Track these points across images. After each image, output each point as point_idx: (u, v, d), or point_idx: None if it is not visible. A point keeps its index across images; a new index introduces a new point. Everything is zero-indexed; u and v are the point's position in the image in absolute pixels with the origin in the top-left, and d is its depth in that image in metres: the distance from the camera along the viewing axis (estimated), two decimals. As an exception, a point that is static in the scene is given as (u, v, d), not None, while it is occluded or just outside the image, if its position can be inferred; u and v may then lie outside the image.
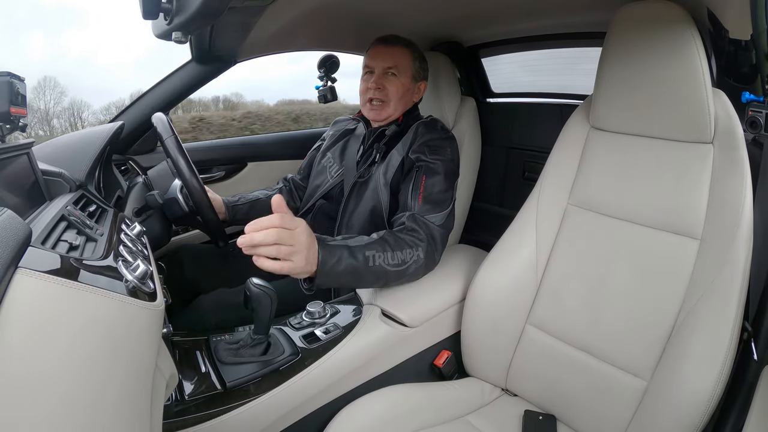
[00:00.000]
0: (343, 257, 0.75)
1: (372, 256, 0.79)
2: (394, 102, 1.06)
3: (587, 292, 0.80)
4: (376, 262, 0.79)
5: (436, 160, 0.97)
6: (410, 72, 1.07)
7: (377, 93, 1.05)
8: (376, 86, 1.05)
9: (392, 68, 1.05)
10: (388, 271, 0.81)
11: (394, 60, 1.05)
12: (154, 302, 0.45)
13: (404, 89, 1.06)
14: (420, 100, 1.15)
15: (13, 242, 0.33)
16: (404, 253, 0.83)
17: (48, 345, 0.31)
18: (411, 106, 1.12)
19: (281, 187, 1.29)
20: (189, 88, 1.28)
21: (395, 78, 1.05)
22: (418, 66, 1.09)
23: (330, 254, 0.73)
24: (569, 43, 1.27)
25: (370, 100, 1.07)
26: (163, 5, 0.54)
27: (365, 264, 0.78)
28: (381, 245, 0.81)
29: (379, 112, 1.07)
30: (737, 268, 0.65)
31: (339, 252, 0.75)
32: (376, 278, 0.81)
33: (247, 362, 0.76)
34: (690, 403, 0.64)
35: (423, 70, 1.11)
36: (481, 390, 0.89)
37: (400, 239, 0.84)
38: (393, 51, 1.06)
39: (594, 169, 0.85)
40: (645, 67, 0.74)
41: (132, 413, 0.38)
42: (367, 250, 0.79)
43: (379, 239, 0.82)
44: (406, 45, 1.08)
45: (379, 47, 1.07)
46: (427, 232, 0.88)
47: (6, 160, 0.60)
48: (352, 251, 0.77)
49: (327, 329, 0.85)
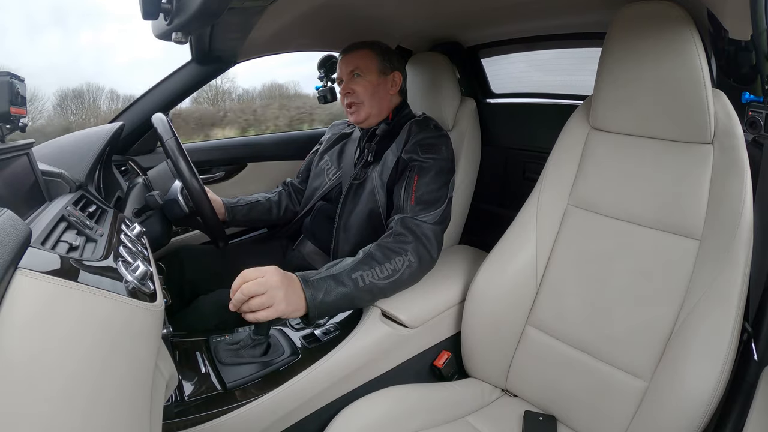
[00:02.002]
0: (330, 288, 0.76)
1: (360, 277, 0.79)
2: (367, 100, 1.07)
3: (587, 293, 0.80)
4: (366, 282, 0.79)
5: (429, 159, 0.97)
6: (374, 68, 1.08)
7: (349, 97, 1.07)
8: (345, 91, 1.08)
9: (355, 70, 1.07)
10: (381, 286, 0.81)
11: (355, 62, 1.07)
12: (153, 303, 0.45)
13: (373, 86, 1.07)
14: (403, 93, 1.14)
15: (13, 242, 0.33)
16: (393, 263, 0.83)
17: (47, 345, 0.31)
18: (398, 103, 1.12)
19: (280, 190, 1.29)
20: (189, 89, 1.28)
21: (360, 78, 1.07)
22: (382, 60, 1.09)
23: (315, 289, 0.75)
24: (569, 44, 1.27)
25: (348, 105, 1.09)
26: (163, 5, 0.54)
27: (355, 287, 0.78)
28: (367, 263, 0.81)
29: (358, 114, 1.08)
30: (737, 268, 0.65)
31: (324, 284, 0.76)
32: (372, 296, 0.82)
33: (247, 363, 0.76)
34: (690, 404, 0.64)
35: (391, 62, 1.10)
36: (481, 391, 0.89)
37: (387, 249, 0.84)
38: (352, 55, 1.08)
39: (594, 169, 0.84)
40: (645, 67, 0.74)
41: (131, 414, 0.38)
42: (354, 273, 0.79)
43: (364, 257, 0.82)
44: (366, 46, 1.09)
45: (342, 58, 1.10)
46: (416, 234, 0.87)
47: (6, 161, 0.60)
48: (337, 279, 0.77)
49: (327, 330, 0.85)
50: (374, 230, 1.01)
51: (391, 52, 1.12)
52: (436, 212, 0.91)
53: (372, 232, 1.01)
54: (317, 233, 1.14)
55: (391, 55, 1.11)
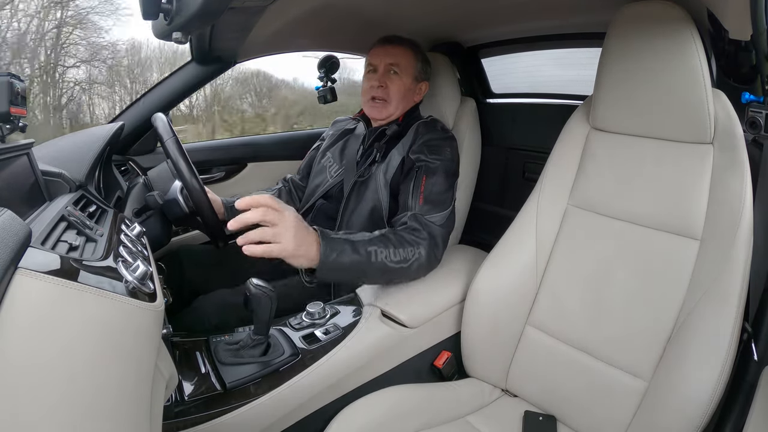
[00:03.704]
0: (346, 251, 0.76)
1: (374, 252, 0.79)
2: (396, 101, 1.06)
3: (587, 293, 0.80)
4: (379, 258, 0.80)
5: (436, 160, 0.97)
6: (412, 71, 1.07)
7: (379, 91, 1.06)
8: (379, 84, 1.06)
9: (394, 66, 1.05)
10: (391, 268, 0.81)
11: (397, 58, 1.06)
12: (153, 303, 0.44)
13: (406, 89, 1.07)
14: (421, 101, 1.15)
15: (12, 242, 0.33)
16: (406, 251, 0.83)
17: (47, 345, 0.31)
18: (412, 107, 1.12)
19: (280, 187, 1.29)
20: (189, 89, 1.28)
21: (397, 77, 1.06)
22: (420, 67, 1.09)
23: (332, 247, 0.74)
24: (569, 44, 1.27)
25: (373, 98, 1.07)
26: (163, 5, 0.54)
27: (368, 259, 0.78)
28: (383, 242, 0.82)
29: (381, 111, 1.07)
30: (737, 268, 0.65)
31: (341, 245, 0.76)
32: (380, 274, 0.82)
33: (247, 363, 0.76)
34: (690, 404, 0.64)
35: (425, 72, 1.11)
36: (481, 391, 0.89)
37: (402, 237, 0.85)
38: (396, 50, 1.07)
39: (594, 169, 0.84)
40: (645, 67, 0.74)
41: (131, 414, 0.38)
42: (370, 246, 0.79)
43: (381, 236, 0.83)
44: (409, 45, 1.09)
45: (382, 46, 1.08)
46: (428, 232, 0.88)
47: (6, 161, 0.60)
48: (354, 246, 0.78)
49: (327, 330, 0.84)
50: (376, 228, 1.01)
51: (427, 61, 1.12)
52: (443, 214, 0.92)
53: (373, 230, 1.01)
54: None
55: (427, 65, 1.12)
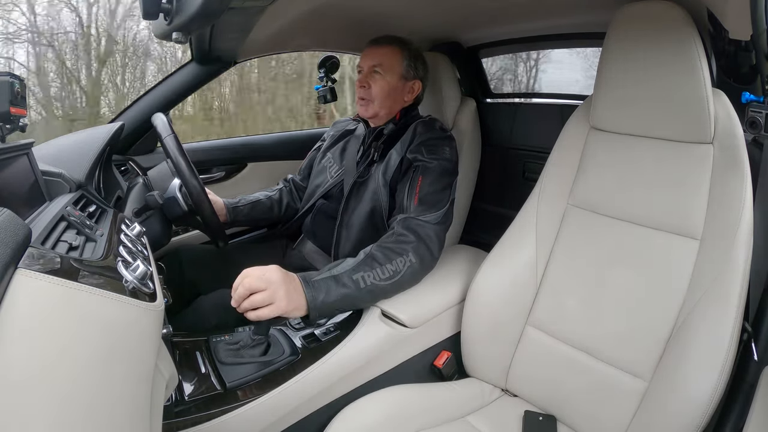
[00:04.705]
0: (331, 289, 0.76)
1: (361, 278, 0.79)
2: (379, 100, 1.05)
3: (587, 293, 0.80)
4: (367, 282, 0.79)
5: (433, 160, 0.96)
6: (399, 70, 1.06)
7: (362, 91, 1.06)
8: (360, 84, 1.06)
9: (377, 66, 1.05)
10: (384, 287, 0.81)
11: (380, 59, 1.05)
12: (153, 303, 0.44)
13: (390, 88, 1.05)
14: (418, 99, 1.13)
15: (12, 242, 0.33)
16: (394, 264, 0.83)
17: (47, 345, 0.31)
18: (408, 105, 1.11)
19: (281, 187, 1.29)
20: (189, 89, 1.28)
21: (380, 76, 1.05)
22: (408, 64, 1.07)
23: (316, 290, 0.75)
24: (569, 44, 1.27)
25: (360, 98, 1.08)
26: (163, 5, 0.54)
27: (356, 287, 0.78)
28: (368, 264, 0.81)
29: (366, 110, 1.07)
30: (737, 268, 0.65)
31: (325, 285, 0.76)
32: (373, 296, 0.82)
33: (247, 363, 0.76)
34: (690, 404, 0.64)
35: (416, 69, 1.09)
36: (481, 390, 0.89)
37: (388, 250, 0.84)
38: (381, 50, 1.06)
39: (594, 169, 0.84)
40: (645, 67, 0.74)
41: (132, 414, 0.38)
42: (355, 273, 0.79)
43: (365, 258, 0.82)
44: (398, 44, 1.07)
45: (370, 47, 1.08)
46: (419, 233, 0.87)
47: (6, 160, 0.60)
48: (338, 280, 0.78)
49: (327, 330, 0.84)
50: (375, 229, 1.01)
51: (420, 59, 1.10)
52: (438, 213, 0.91)
53: (373, 231, 1.01)
54: (318, 232, 1.13)
55: (418, 62, 1.10)
